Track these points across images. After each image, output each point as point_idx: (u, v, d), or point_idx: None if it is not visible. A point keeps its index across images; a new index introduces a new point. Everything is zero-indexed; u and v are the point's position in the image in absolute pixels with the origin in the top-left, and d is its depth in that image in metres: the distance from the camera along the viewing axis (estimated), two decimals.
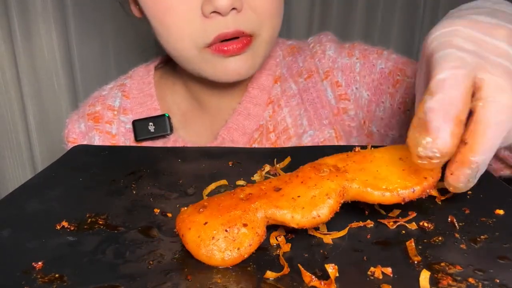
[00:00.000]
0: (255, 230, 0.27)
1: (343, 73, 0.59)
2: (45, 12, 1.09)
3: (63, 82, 1.16)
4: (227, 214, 0.28)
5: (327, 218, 0.28)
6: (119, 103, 0.64)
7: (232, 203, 0.29)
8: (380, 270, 0.25)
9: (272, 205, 0.28)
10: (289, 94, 0.61)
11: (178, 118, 0.63)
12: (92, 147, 0.47)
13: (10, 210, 0.33)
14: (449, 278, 0.24)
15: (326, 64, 0.60)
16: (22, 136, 1.18)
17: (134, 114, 0.62)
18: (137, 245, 0.29)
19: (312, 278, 0.24)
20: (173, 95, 0.65)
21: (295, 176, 0.31)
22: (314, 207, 0.28)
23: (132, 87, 0.65)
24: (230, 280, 0.25)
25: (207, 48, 0.51)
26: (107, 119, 0.63)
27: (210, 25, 0.49)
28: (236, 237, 0.27)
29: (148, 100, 0.63)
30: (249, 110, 0.60)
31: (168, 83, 0.66)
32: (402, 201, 0.29)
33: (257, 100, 0.61)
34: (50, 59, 1.13)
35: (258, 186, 0.30)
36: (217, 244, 0.26)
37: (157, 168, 0.40)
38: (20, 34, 1.09)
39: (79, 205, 0.34)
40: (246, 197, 0.29)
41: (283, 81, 0.62)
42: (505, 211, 0.31)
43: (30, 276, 0.26)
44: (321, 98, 0.60)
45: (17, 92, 1.14)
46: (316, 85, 0.60)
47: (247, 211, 0.28)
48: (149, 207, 0.34)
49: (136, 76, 0.66)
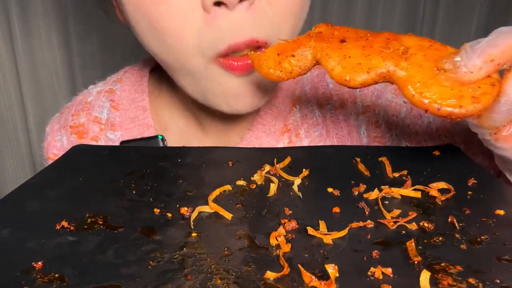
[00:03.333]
0: (300, 62, 0.33)
1: (386, 114, 0.49)
2: (45, 12, 1.10)
3: (63, 82, 1.16)
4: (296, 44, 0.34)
5: (356, 87, 0.31)
6: (107, 116, 0.55)
7: (304, 37, 0.34)
8: (380, 270, 0.25)
9: (325, 51, 0.32)
10: (310, 122, 0.51)
11: (175, 136, 0.54)
12: (92, 147, 0.47)
13: (10, 210, 0.33)
14: (449, 278, 0.24)
15: (368, 98, 0.50)
16: (22, 136, 1.18)
17: (124, 131, 0.53)
18: (137, 245, 0.29)
19: (312, 278, 0.24)
20: (170, 108, 0.55)
21: (366, 38, 0.33)
22: (351, 72, 0.30)
23: (122, 96, 0.55)
24: (230, 280, 0.25)
25: (215, 59, 0.41)
26: (93, 135, 0.55)
27: (217, 25, 0.39)
28: (284, 62, 0.33)
29: (140, 114, 0.53)
30: (260, 139, 0.50)
31: (165, 93, 0.55)
32: (425, 110, 0.30)
33: (270, 128, 0.50)
34: (50, 59, 1.13)
35: (331, 30, 0.34)
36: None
37: (157, 168, 0.40)
38: (20, 34, 1.09)
39: (79, 205, 0.34)
40: (314, 34, 0.34)
41: (304, 104, 0.51)
42: (505, 211, 0.31)
43: (30, 276, 0.26)
44: (352, 135, 0.50)
45: (17, 92, 1.14)
46: (348, 119, 0.50)
47: (302, 46, 0.33)
48: (149, 207, 0.34)
49: (128, 82, 0.56)
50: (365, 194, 0.35)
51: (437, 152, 0.41)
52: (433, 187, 0.35)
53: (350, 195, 0.35)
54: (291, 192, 0.36)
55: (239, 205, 0.34)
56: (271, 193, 0.36)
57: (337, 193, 0.35)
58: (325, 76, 0.52)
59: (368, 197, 0.34)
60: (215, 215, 0.33)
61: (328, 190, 0.36)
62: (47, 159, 0.56)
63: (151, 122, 0.53)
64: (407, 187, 0.35)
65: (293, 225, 0.30)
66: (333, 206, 0.33)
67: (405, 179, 0.36)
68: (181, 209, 0.33)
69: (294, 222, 0.31)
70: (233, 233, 0.30)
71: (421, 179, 0.36)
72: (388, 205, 0.33)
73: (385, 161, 0.40)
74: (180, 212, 0.33)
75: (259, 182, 0.37)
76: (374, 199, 0.34)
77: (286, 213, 0.32)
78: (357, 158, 0.40)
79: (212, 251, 0.28)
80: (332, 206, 0.33)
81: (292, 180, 0.37)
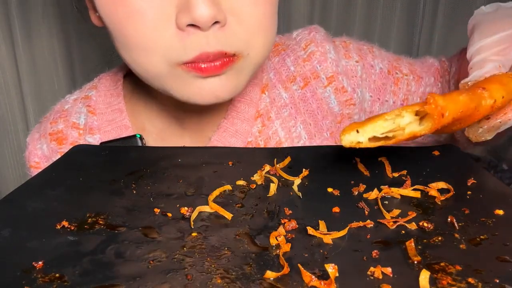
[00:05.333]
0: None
1: (347, 77, 0.54)
2: (46, 12, 1.10)
3: (63, 82, 1.16)
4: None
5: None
6: (85, 121, 0.56)
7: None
8: (380, 270, 0.25)
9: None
10: (279, 104, 0.54)
11: (153, 136, 0.56)
12: (92, 147, 0.47)
13: (10, 209, 0.33)
14: (448, 278, 0.24)
15: (330, 69, 0.54)
16: (22, 136, 1.18)
17: (102, 133, 0.55)
18: (137, 245, 0.29)
19: (312, 278, 0.24)
20: (146, 109, 0.56)
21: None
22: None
23: (98, 101, 0.56)
24: (230, 280, 0.25)
25: (181, 65, 0.42)
26: (72, 140, 0.56)
27: (189, 40, 0.40)
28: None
29: (117, 116, 0.55)
30: (235, 126, 0.53)
31: (140, 95, 0.57)
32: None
33: (244, 115, 0.54)
34: (50, 59, 1.13)
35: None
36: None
37: (157, 168, 0.40)
38: (20, 34, 1.09)
39: (79, 205, 0.34)
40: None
41: (271, 89, 0.55)
42: (505, 211, 0.31)
43: (30, 276, 0.26)
44: (322, 107, 0.55)
45: (17, 92, 1.14)
46: (315, 93, 0.54)
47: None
48: (149, 207, 0.34)
49: (103, 87, 0.57)
50: (365, 194, 0.35)
51: (437, 152, 0.42)
52: (433, 187, 0.35)
53: (350, 195, 0.35)
54: (291, 192, 0.36)
55: (239, 205, 0.34)
56: (271, 193, 0.36)
57: (337, 193, 0.35)
58: (286, 60, 0.55)
59: (368, 197, 0.34)
60: (215, 215, 0.33)
61: (328, 190, 0.36)
62: (29, 168, 0.57)
63: (128, 124, 0.55)
64: (407, 187, 0.35)
65: (293, 225, 0.31)
66: (333, 206, 0.33)
67: (405, 179, 0.37)
68: (181, 209, 0.33)
69: (294, 222, 0.31)
70: (233, 233, 0.30)
71: (420, 179, 0.37)
72: (388, 205, 0.33)
73: (385, 161, 0.40)
74: (180, 212, 0.33)
75: (259, 182, 0.37)
76: (373, 199, 0.34)
77: (286, 213, 0.33)
78: (357, 158, 0.40)
79: (212, 251, 0.28)
80: (332, 206, 0.33)
81: (292, 180, 0.37)
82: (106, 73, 0.59)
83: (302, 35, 0.56)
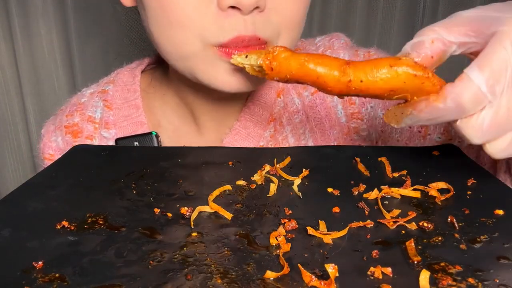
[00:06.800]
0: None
1: None
2: (46, 12, 1.10)
3: (63, 82, 1.16)
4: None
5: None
6: (101, 115, 0.56)
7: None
8: (380, 270, 0.25)
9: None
10: (291, 110, 0.54)
11: (168, 133, 0.56)
12: (92, 147, 0.47)
13: (10, 209, 0.33)
14: (449, 278, 0.24)
15: None
16: (22, 136, 1.19)
17: (118, 129, 0.55)
18: (137, 245, 0.29)
19: (312, 278, 0.24)
20: (163, 106, 0.57)
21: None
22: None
23: (115, 96, 0.57)
24: (230, 280, 0.25)
25: (215, 47, 0.42)
26: (87, 134, 0.56)
27: (228, 22, 0.41)
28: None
29: (133, 112, 0.55)
30: (248, 129, 0.53)
31: (157, 92, 0.57)
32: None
33: (257, 118, 0.54)
34: (50, 59, 1.13)
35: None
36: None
37: (157, 168, 0.40)
38: (20, 33, 1.09)
39: (79, 205, 0.34)
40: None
41: (286, 94, 0.55)
42: (505, 211, 0.31)
43: (30, 276, 0.26)
44: (330, 116, 0.54)
45: (17, 92, 1.14)
46: (325, 101, 0.54)
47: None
48: (149, 207, 0.34)
49: (120, 82, 0.58)
50: (365, 194, 0.35)
51: (437, 152, 0.42)
52: (433, 187, 0.35)
53: (350, 195, 0.35)
54: (291, 192, 0.36)
55: (239, 205, 0.34)
56: (271, 193, 0.36)
57: (337, 193, 0.35)
58: None
59: (368, 197, 0.34)
60: (215, 215, 0.33)
61: (328, 190, 0.36)
62: (43, 160, 0.57)
63: (144, 120, 0.55)
64: (407, 187, 0.35)
65: (293, 225, 0.31)
66: (333, 206, 0.33)
67: (405, 179, 0.37)
68: (181, 209, 0.33)
69: (294, 222, 0.31)
70: (233, 233, 0.30)
71: (420, 179, 0.37)
72: (388, 205, 0.33)
73: (385, 161, 0.40)
74: (180, 212, 0.33)
75: (259, 182, 0.37)
76: (373, 199, 0.34)
77: (286, 213, 0.33)
78: (357, 158, 0.41)
79: (212, 251, 0.28)
80: (332, 206, 0.33)
81: (292, 180, 0.37)
82: (123, 68, 0.60)
83: (323, 41, 0.57)
